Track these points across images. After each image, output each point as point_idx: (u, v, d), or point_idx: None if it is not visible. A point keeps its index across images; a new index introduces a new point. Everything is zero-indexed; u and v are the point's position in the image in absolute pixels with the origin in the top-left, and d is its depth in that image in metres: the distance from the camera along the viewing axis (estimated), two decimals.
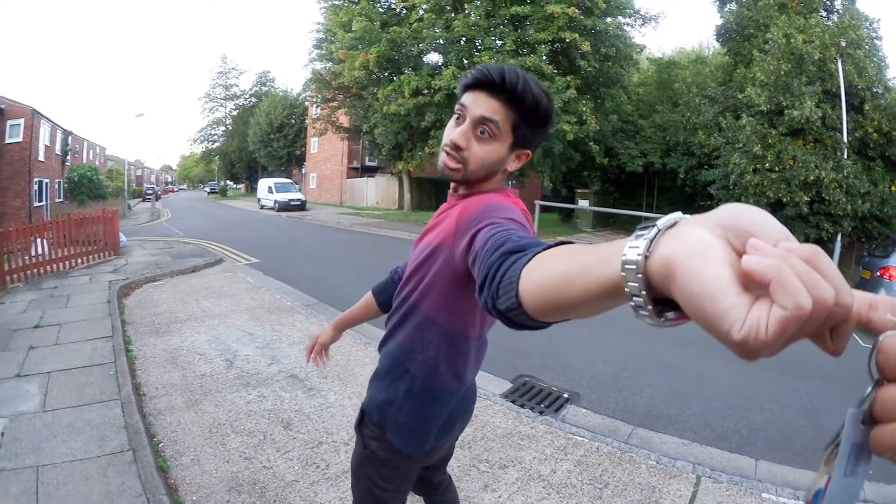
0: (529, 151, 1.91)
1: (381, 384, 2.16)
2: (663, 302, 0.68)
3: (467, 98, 1.80)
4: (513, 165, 1.91)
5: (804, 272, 0.55)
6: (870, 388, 0.60)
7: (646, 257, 0.66)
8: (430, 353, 1.99)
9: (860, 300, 0.60)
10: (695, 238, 0.61)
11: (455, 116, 1.85)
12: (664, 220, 0.69)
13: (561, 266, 0.91)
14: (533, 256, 1.04)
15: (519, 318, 1.06)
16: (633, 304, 0.71)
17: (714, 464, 5.24)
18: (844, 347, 0.62)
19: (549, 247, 1.05)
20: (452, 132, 1.83)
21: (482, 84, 1.76)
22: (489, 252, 1.25)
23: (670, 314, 0.70)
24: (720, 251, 0.59)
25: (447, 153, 1.85)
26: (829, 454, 0.64)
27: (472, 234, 1.52)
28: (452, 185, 1.99)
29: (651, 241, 0.67)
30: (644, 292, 0.68)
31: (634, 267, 0.67)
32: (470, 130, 1.80)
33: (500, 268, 1.13)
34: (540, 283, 0.96)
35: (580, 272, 0.84)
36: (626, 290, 0.71)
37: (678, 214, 0.70)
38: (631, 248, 0.69)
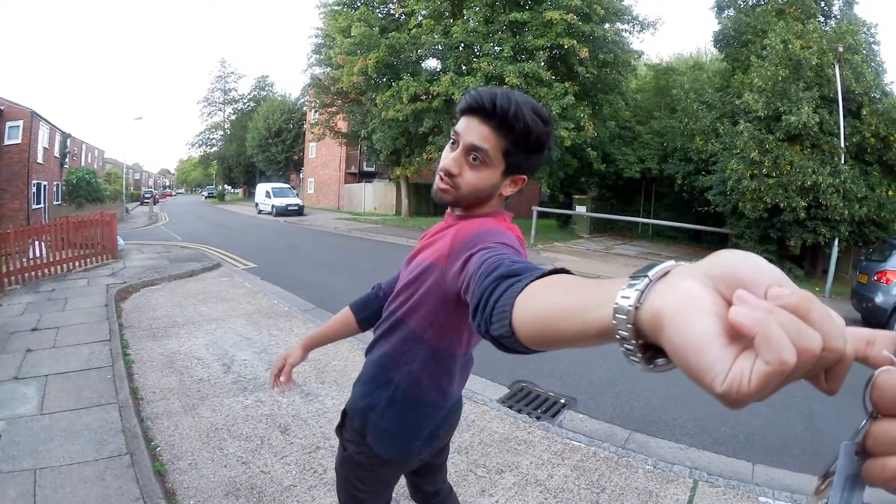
0: (525, 177, 1.90)
1: (365, 389, 2.17)
2: (654, 347, 0.69)
3: (461, 124, 1.81)
4: (508, 190, 1.92)
5: (789, 324, 0.55)
6: (864, 422, 0.60)
7: (636, 308, 0.67)
8: (415, 365, 2.00)
9: (857, 337, 0.61)
10: (683, 291, 0.62)
11: (451, 141, 1.85)
12: (656, 271, 0.70)
13: (555, 301, 0.93)
14: (527, 284, 1.06)
15: (512, 345, 1.07)
16: (623, 349, 0.72)
17: (711, 468, 5.26)
18: (839, 387, 0.62)
19: (544, 274, 1.08)
20: (446, 158, 1.84)
21: (475, 110, 1.77)
22: (482, 276, 1.26)
23: (660, 361, 0.71)
24: (708, 304, 0.60)
25: (440, 178, 1.86)
26: (822, 485, 0.65)
27: (465, 258, 1.53)
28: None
29: (641, 293, 0.68)
30: (634, 341, 0.69)
31: (625, 317, 0.68)
32: (462, 157, 1.81)
33: (494, 293, 1.14)
34: (533, 316, 0.98)
35: (574, 311, 0.87)
36: (616, 336, 0.72)
37: (671, 263, 0.72)
38: (623, 297, 0.70)
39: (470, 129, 1.77)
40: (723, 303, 0.60)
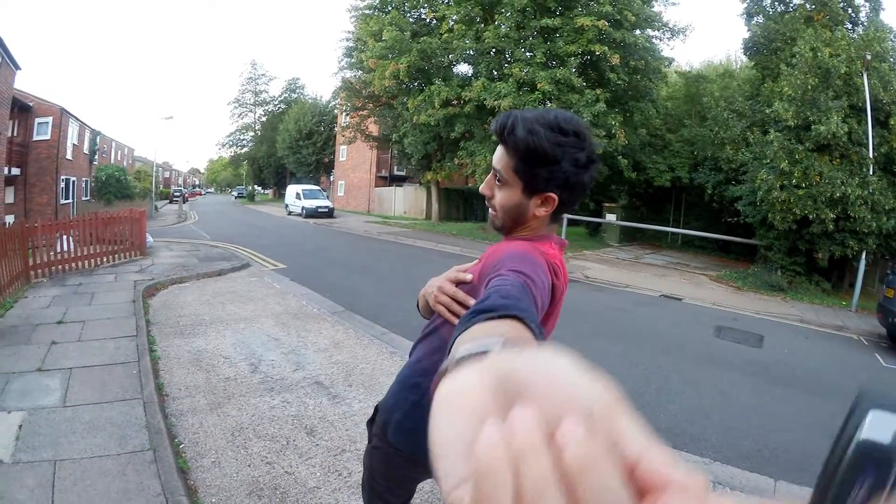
0: (553, 195, 1.83)
1: (396, 389, 2.25)
2: None
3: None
4: (540, 211, 1.87)
5: (533, 481, 0.42)
6: None
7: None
8: None
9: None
10: (457, 385, 0.56)
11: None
12: (470, 347, 0.71)
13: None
14: (463, 331, 1.03)
15: None
16: None
17: (734, 483, 5.24)
18: None
19: (488, 318, 1.06)
20: None
21: (496, 134, 1.82)
22: (479, 303, 1.23)
23: None
24: (472, 407, 0.52)
25: (488, 206, 1.96)
26: None
27: (486, 282, 1.52)
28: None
29: (446, 369, 0.68)
30: None
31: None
32: (492, 179, 1.90)
33: (458, 328, 1.10)
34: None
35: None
36: None
37: (494, 341, 0.72)
38: (445, 363, 0.70)
39: (495, 152, 1.85)
40: (498, 407, 0.50)
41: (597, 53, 23.90)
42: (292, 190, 45.11)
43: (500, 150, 1.81)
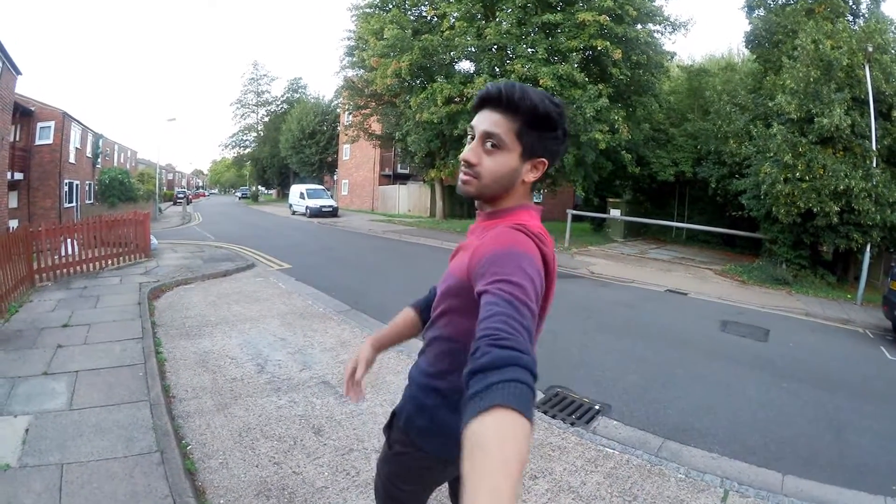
0: (545, 160, 1.93)
1: (413, 393, 2.19)
2: None
3: (476, 119, 1.91)
4: (530, 176, 1.95)
5: None
6: None
7: None
8: (458, 375, 1.95)
9: None
10: None
11: (470, 137, 1.93)
12: None
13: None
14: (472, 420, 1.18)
15: None
16: None
17: (742, 478, 5.22)
18: None
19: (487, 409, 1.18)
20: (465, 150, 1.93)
21: (485, 102, 1.88)
22: (474, 352, 1.37)
23: None
24: None
25: (462, 171, 1.94)
26: None
27: (478, 292, 1.58)
28: (477, 202, 2.05)
29: None
30: None
31: None
32: (479, 146, 1.88)
33: (464, 397, 1.28)
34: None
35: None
36: None
37: None
38: None
39: (482, 120, 1.87)
40: None
41: (598, 48, 23.97)
42: (296, 190, 45.34)
43: (494, 116, 1.84)
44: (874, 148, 16.71)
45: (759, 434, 6.32)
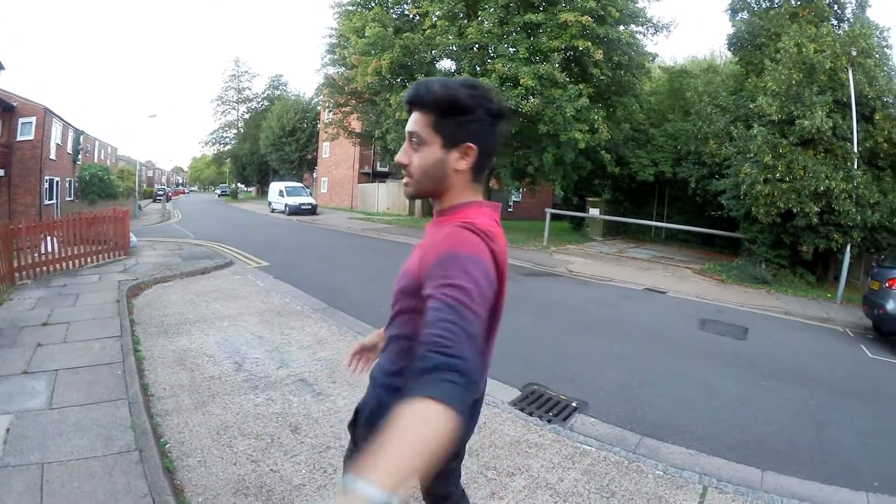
0: (471, 144, 1.94)
1: (375, 391, 2.22)
2: None
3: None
4: (462, 164, 1.96)
5: None
6: None
7: None
8: None
9: None
10: None
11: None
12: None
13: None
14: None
15: None
16: None
17: (721, 474, 5.25)
18: None
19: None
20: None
21: (409, 105, 1.98)
22: (418, 359, 1.47)
23: None
24: None
25: (404, 175, 2.04)
26: None
27: (425, 295, 1.66)
28: (432, 202, 2.12)
29: None
30: None
31: None
32: (408, 146, 1.98)
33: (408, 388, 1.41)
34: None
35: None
36: None
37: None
38: None
39: (408, 122, 1.97)
40: None
41: (580, 49, 23.93)
42: (275, 187, 45.31)
43: (414, 115, 1.94)
44: (855, 150, 16.90)
45: (738, 431, 6.39)
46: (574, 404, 6.69)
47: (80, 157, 44.05)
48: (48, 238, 13.25)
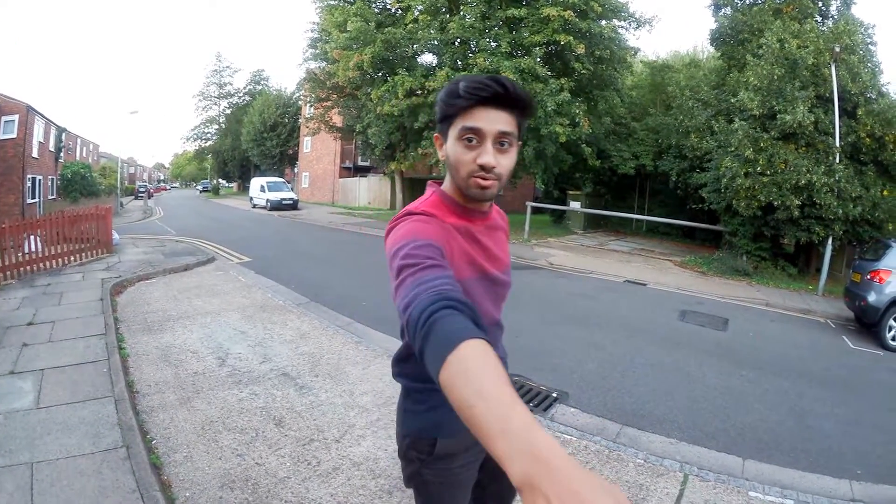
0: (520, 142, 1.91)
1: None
2: None
3: (477, 119, 1.77)
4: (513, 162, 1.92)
5: None
6: None
7: None
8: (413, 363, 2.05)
9: None
10: None
11: (467, 140, 1.80)
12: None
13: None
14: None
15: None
16: None
17: (702, 462, 5.33)
18: None
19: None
20: (471, 155, 1.81)
21: (488, 100, 1.75)
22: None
23: None
24: None
25: (482, 179, 1.82)
26: None
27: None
28: (473, 204, 2.00)
29: None
30: None
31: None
32: (492, 147, 1.79)
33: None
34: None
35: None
36: None
37: None
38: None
39: (491, 120, 1.76)
40: None
41: (562, 43, 23.87)
42: (256, 182, 45.04)
43: (502, 113, 1.77)
44: (838, 144, 17.00)
45: (719, 420, 6.48)
46: (555, 395, 6.77)
47: (62, 154, 43.76)
48: (31, 237, 13.20)
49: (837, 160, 17.07)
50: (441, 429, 2.02)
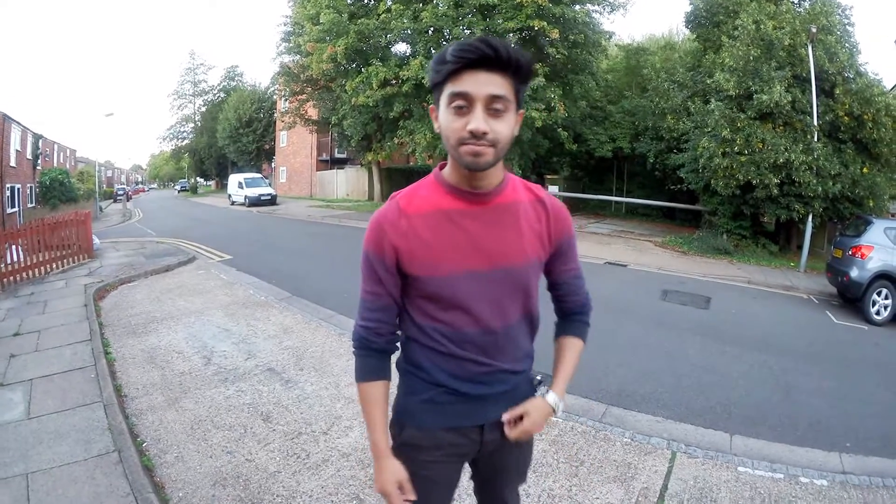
0: (522, 111, 1.85)
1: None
2: None
3: (465, 83, 1.69)
4: (516, 130, 1.83)
5: None
6: None
7: None
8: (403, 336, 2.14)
9: None
10: None
11: (457, 107, 1.71)
12: None
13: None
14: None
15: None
16: None
17: (689, 439, 5.40)
18: None
19: None
20: (461, 122, 1.71)
21: (476, 63, 1.67)
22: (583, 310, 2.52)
23: None
24: None
25: (473, 145, 1.71)
26: None
27: (570, 268, 2.45)
28: (468, 181, 1.88)
29: None
30: None
31: None
32: (483, 113, 1.69)
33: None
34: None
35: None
36: None
37: None
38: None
39: (480, 83, 1.68)
40: None
41: (536, 29, 23.89)
42: (234, 179, 44.86)
43: (493, 76, 1.69)
44: (815, 123, 17.14)
45: (705, 397, 6.58)
46: (538, 378, 6.82)
47: (39, 161, 43.51)
48: (13, 247, 13.14)
49: (816, 139, 17.24)
50: (411, 417, 2.07)
